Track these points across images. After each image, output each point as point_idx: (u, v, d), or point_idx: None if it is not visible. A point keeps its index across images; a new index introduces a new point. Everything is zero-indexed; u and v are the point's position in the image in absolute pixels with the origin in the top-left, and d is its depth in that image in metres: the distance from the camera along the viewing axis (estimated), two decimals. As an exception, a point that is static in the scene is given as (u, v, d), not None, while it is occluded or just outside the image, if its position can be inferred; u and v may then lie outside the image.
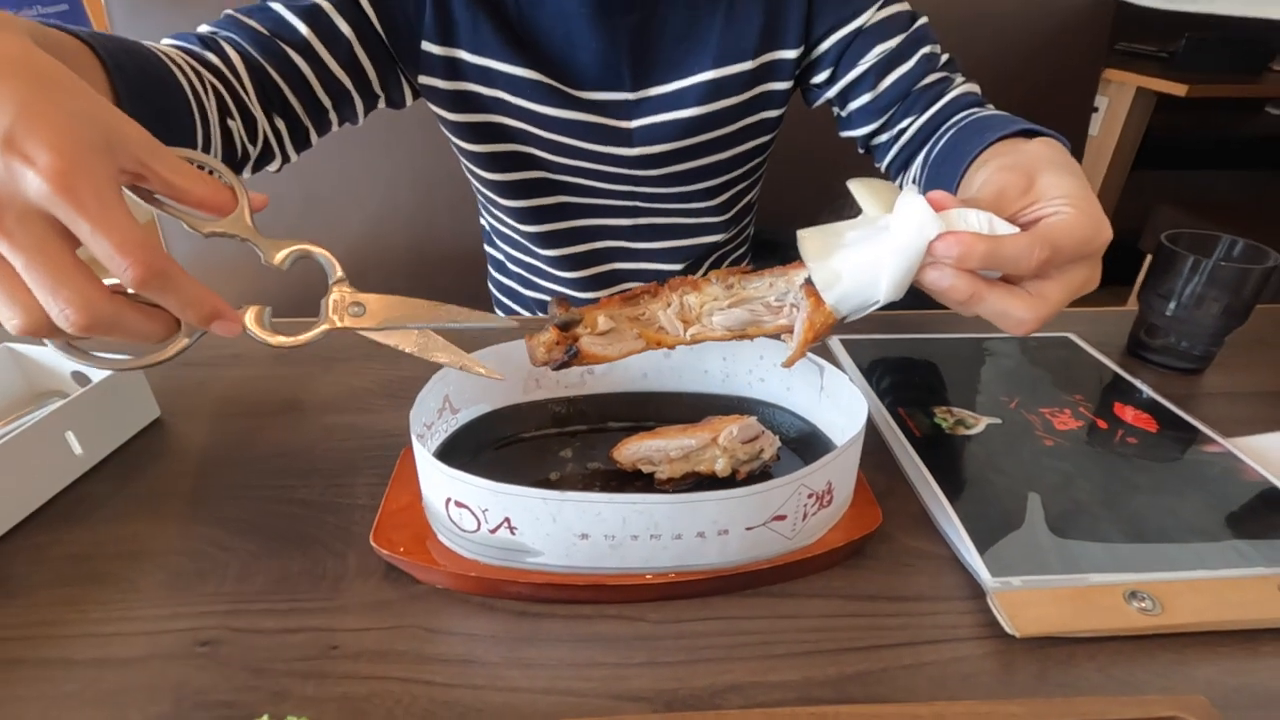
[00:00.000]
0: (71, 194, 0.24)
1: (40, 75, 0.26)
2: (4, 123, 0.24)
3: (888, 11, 0.57)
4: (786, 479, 0.32)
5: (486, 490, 0.32)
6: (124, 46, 0.38)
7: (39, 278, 0.25)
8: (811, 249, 0.33)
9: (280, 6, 0.51)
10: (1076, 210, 0.33)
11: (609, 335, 0.35)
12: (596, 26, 0.55)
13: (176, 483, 0.43)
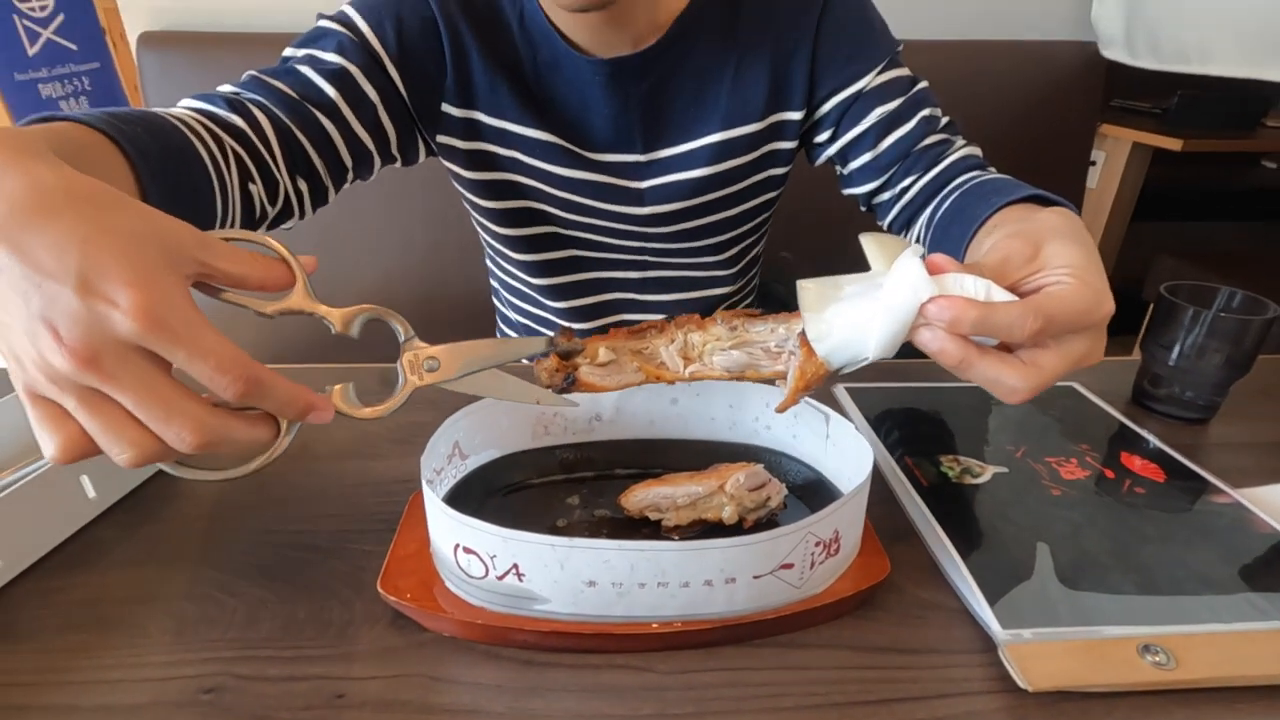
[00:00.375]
0: (161, 326, 0.25)
1: (86, 202, 0.26)
2: (73, 266, 0.24)
3: (888, 76, 0.59)
4: (793, 527, 0.32)
5: (495, 536, 0.32)
6: (145, 126, 0.38)
7: (150, 412, 0.26)
8: (809, 300, 0.34)
9: (308, 69, 0.53)
10: (1077, 281, 0.33)
11: (609, 367, 0.36)
12: (610, 92, 0.58)
13: (185, 528, 0.43)
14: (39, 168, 0.26)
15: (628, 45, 0.57)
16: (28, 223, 0.25)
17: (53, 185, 0.26)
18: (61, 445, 0.27)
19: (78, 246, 0.25)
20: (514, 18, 0.57)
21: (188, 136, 0.42)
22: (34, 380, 0.26)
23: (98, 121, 0.35)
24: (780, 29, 0.58)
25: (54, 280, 0.24)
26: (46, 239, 0.25)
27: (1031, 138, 1.10)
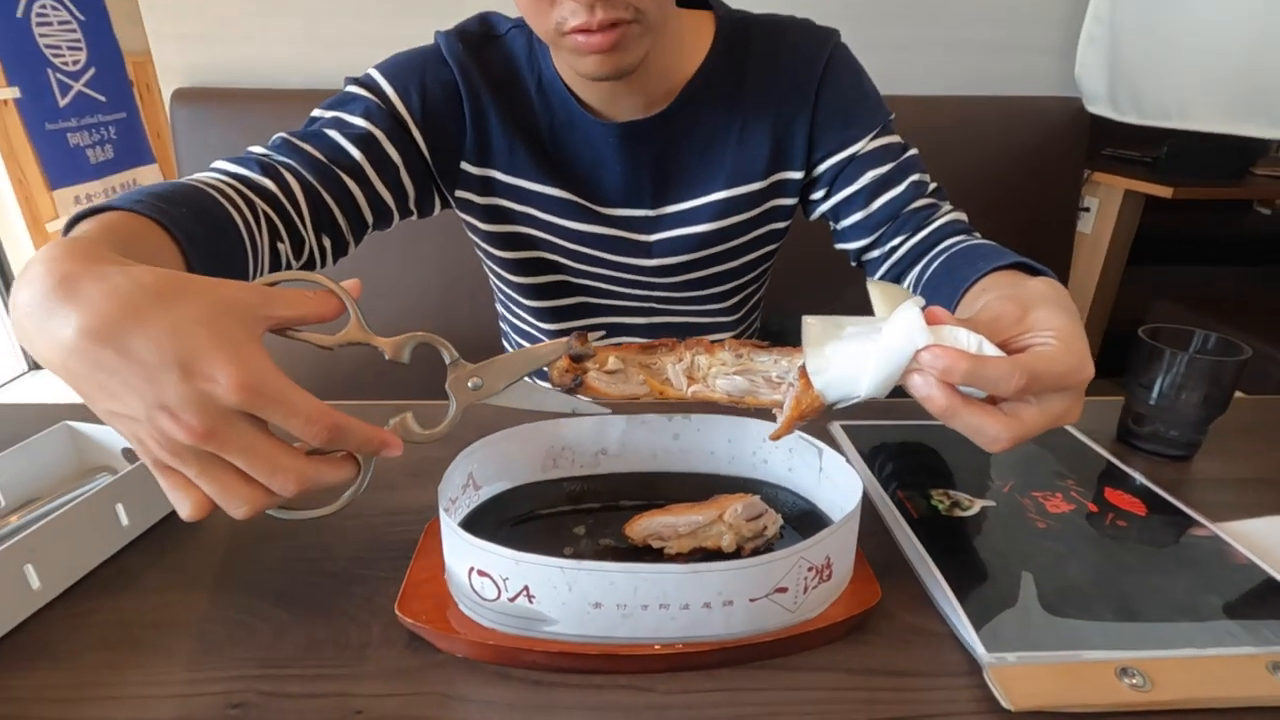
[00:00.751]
0: (256, 394, 0.29)
1: (162, 295, 0.29)
2: (171, 356, 0.28)
3: (880, 142, 0.63)
4: (787, 551, 0.34)
5: (508, 559, 0.34)
6: (188, 205, 0.41)
7: (257, 469, 0.30)
8: (812, 335, 0.37)
9: (335, 133, 0.56)
10: (1062, 345, 0.35)
11: (615, 376, 0.38)
12: (622, 152, 0.61)
13: (211, 555, 0.45)
14: (113, 273, 0.29)
15: (639, 109, 0.60)
16: (122, 326, 0.28)
17: (126, 288, 0.29)
18: (192, 507, 0.32)
19: (170, 338, 0.28)
20: (532, 82, 0.61)
21: (225, 207, 0.45)
22: (160, 456, 0.30)
23: (145, 209, 0.38)
24: (781, 96, 0.62)
25: (160, 371, 0.28)
26: (142, 338, 0.28)
27: (1021, 188, 1.14)
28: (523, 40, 0.61)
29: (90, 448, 0.51)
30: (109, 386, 0.29)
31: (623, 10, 0.48)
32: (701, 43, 0.61)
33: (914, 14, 1.17)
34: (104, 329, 0.28)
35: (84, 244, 0.31)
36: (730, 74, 0.62)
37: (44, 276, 0.29)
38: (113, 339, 0.28)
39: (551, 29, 0.50)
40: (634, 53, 0.52)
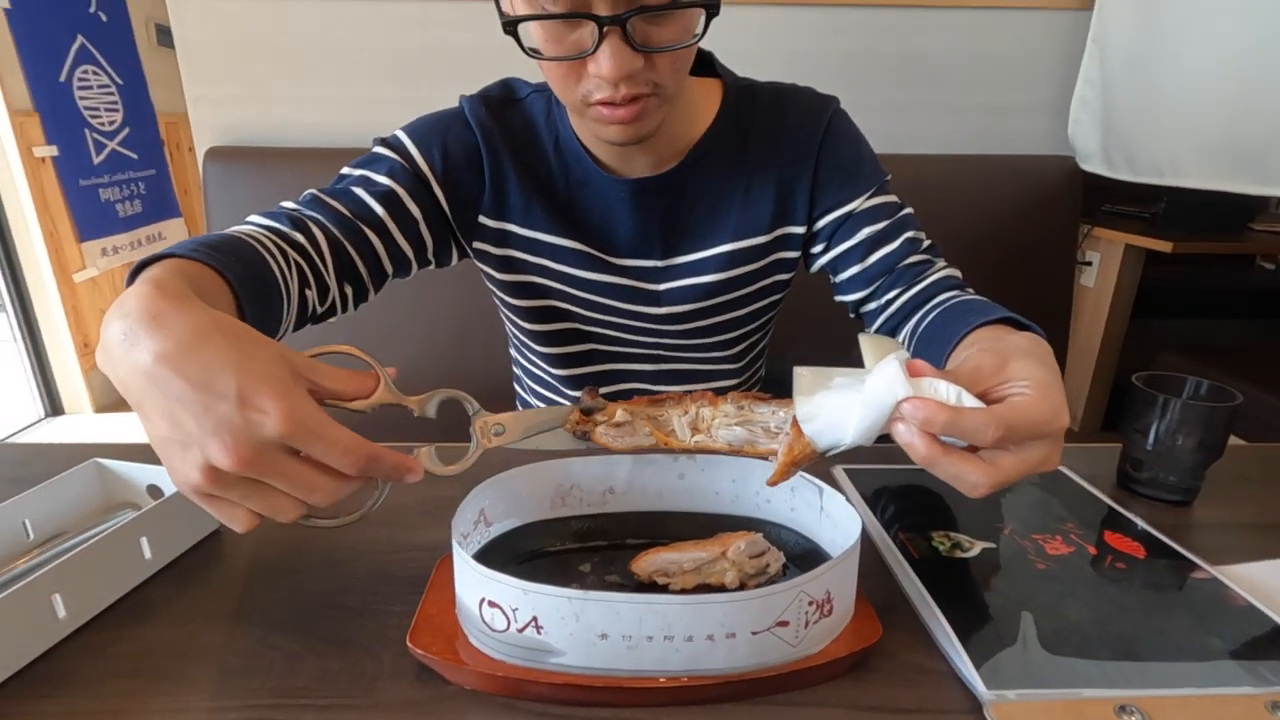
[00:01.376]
0: (301, 428, 0.33)
1: (232, 336, 0.34)
2: (233, 388, 0.32)
3: (876, 200, 0.66)
4: (788, 584, 0.35)
5: (518, 590, 0.35)
6: (236, 255, 0.45)
7: (297, 489, 0.34)
8: (802, 385, 0.39)
9: (361, 190, 0.60)
10: (1037, 395, 0.37)
11: (622, 428, 0.41)
12: (633, 207, 0.65)
13: (230, 588, 0.46)
14: (194, 311, 0.34)
15: (650, 167, 0.64)
16: (194, 358, 0.32)
17: (207, 325, 0.33)
18: (243, 522, 0.35)
19: (231, 372, 0.32)
20: (549, 142, 0.65)
21: (264, 256, 0.48)
22: (200, 485, 0.33)
23: (202, 256, 0.43)
24: (785, 157, 0.66)
25: (219, 400, 0.32)
26: (210, 369, 0.32)
27: (1018, 244, 1.18)
28: (541, 104, 0.66)
29: (117, 484, 0.53)
30: (172, 411, 0.32)
31: (644, 86, 0.52)
32: (709, 107, 0.66)
33: (910, 77, 1.23)
34: (177, 357, 0.32)
35: (171, 285, 0.35)
36: (736, 136, 0.66)
37: (137, 310, 0.33)
38: (183, 367, 0.32)
39: (578, 100, 0.54)
40: (652, 122, 0.56)
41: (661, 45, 0.51)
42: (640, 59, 0.50)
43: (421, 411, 0.40)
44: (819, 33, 1.19)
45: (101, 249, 2.42)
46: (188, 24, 1.16)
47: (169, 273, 0.38)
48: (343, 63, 1.18)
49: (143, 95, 2.60)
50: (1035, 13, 1.21)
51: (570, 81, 0.53)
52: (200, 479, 0.33)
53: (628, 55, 0.49)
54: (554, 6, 0.48)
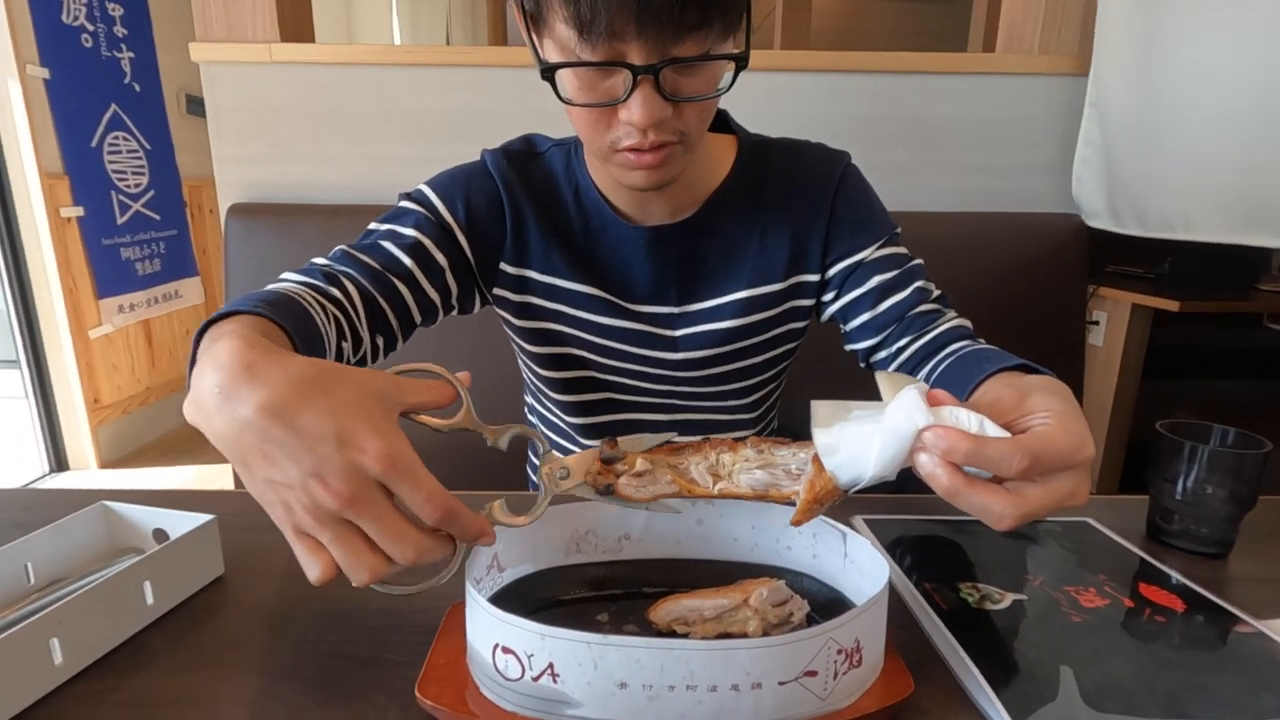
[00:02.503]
0: (395, 468, 0.34)
1: (323, 380, 0.35)
2: (331, 430, 0.33)
3: (886, 251, 0.67)
4: (815, 630, 0.34)
5: (534, 634, 0.34)
6: (288, 310, 0.47)
7: (385, 536, 0.34)
8: (820, 417, 0.39)
9: (389, 243, 0.62)
10: (1061, 425, 0.37)
11: (644, 477, 0.40)
12: (650, 254, 0.66)
13: (233, 635, 0.45)
14: (285, 360, 0.36)
15: (667, 216, 0.66)
16: (294, 405, 0.34)
17: (298, 373, 0.35)
18: (321, 570, 0.35)
19: (330, 416, 0.34)
20: (569, 192, 0.67)
21: (309, 310, 0.50)
22: (302, 521, 0.34)
23: (264, 311, 0.44)
24: (799, 208, 0.68)
25: (320, 443, 0.33)
26: (309, 415, 0.34)
27: (1027, 302, 1.18)
28: (561, 156, 0.68)
29: (123, 528, 0.52)
30: (272, 456, 0.34)
31: (670, 134, 0.54)
32: (725, 160, 0.68)
33: (915, 139, 1.26)
34: (278, 406, 0.34)
35: (256, 338, 0.37)
36: (751, 187, 0.68)
37: (230, 364, 0.35)
38: (283, 415, 0.34)
39: (605, 145, 0.56)
40: (675, 168, 0.58)
41: (690, 95, 0.53)
42: (669, 107, 0.52)
43: (495, 441, 0.41)
44: (825, 97, 1.24)
45: (119, 306, 2.46)
46: (219, 91, 1.21)
47: (246, 327, 0.40)
48: (365, 124, 1.23)
49: (169, 159, 2.69)
50: (1033, 79, 1.25)
51: (600, 128, 0.55)
52: (304, 517, 0.34)
53: (658, 104, 0.51)
54: (590, 55, 0.50)
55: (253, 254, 1.13)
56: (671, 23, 0.47)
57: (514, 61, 1.20)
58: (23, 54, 2.09)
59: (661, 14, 0.47)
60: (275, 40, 1.19)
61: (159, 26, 2.57)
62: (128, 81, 2.48)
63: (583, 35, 0.48)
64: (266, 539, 0.57)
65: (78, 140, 2.30)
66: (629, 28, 0.48)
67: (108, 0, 2.38)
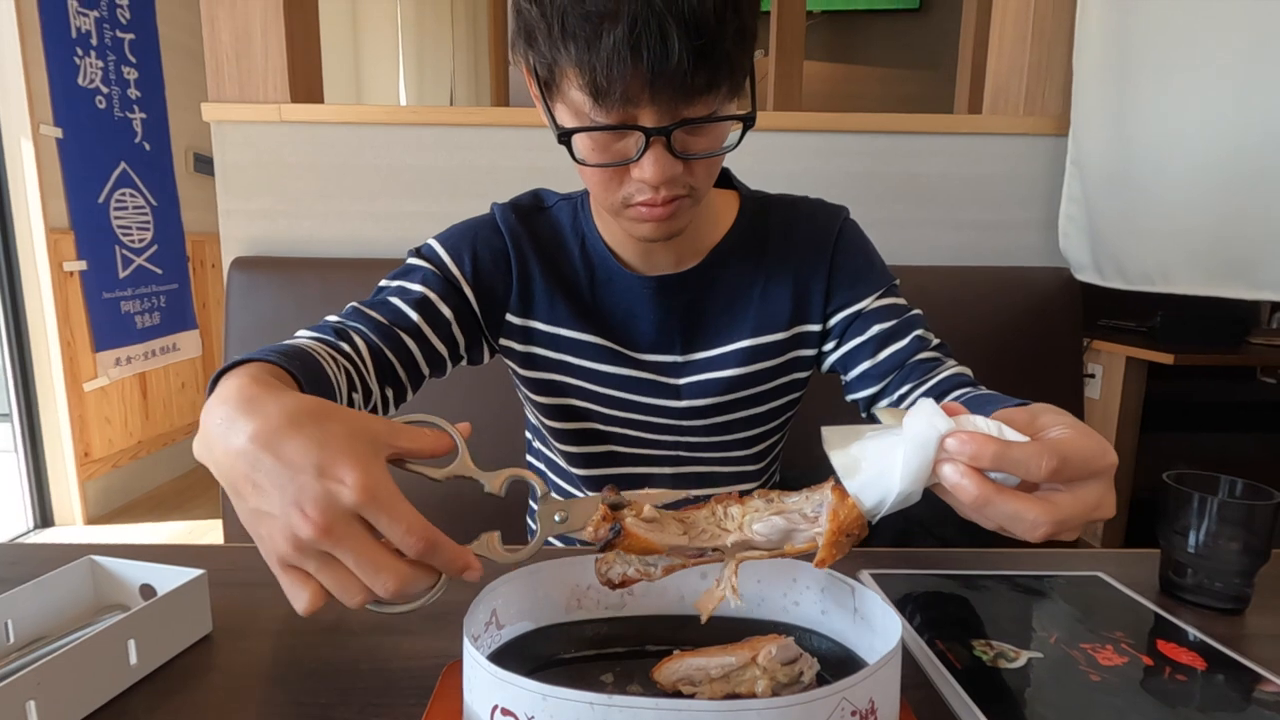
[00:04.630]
0: (373, 498, 0.34)
1: (316, 416, 0.37)
2: (314, 459, 0.34)
3: (885, 301, 0.68)
4: (828, 690, 0.33)
5: (537, 695, 0.33)
6: (301, 360, 0.48)
7: (365, 567, 0.35)
8: (833, 440, 0.38)
9: (397, 299, 0.63)
10: (1079, 431, 0.37)
11: (653, 524, 0.38)
12: (655, 303, 0.68)
13: (219, 698, 0.43)
14: (283, 395, 0.38)
15: (671, 266, 0.67)
16: (283, 435, 0.35)
17: (293, 407, 0.37)
18: (308, 600, 0.36)
19: (314, 447, 0.35)
20: (575, 245, 0.69)
21: (321, 363, 0.51)
22: (285, 554, 0.35)
23: (275, 359, 0.46)
24: (800, 260, 0.69)
25: (300, 472, 0.34)
26: (296, 445, 0.35)
27: (1024, 354, 1.19)
28: (568, 210, 0.70)
29: (109, 584, 0.51)
30: (260, 484, 0.35)
31: (681, 189, 0.56)
32: (728, 214, 0.70)
33: (908, 196, 1.29)
34: (267, 435, 0.35)
35: (262, 376, 0.40)
36: (753, 240, 0.69)
37: (235, 398, 0.37)
38: (271, 444, 0.35)
39: (618, 202, 0.58)
40: (684, 220, 0.60)
41: (699, 153, 0.55)
42: (680, 165, 0.54)
43: (493, 488, 0.41)
44: (819, 155, 1.27)
45: (116, 359, 2.46)
46: (229, 149, 1.24)
47: (257, 370, 0.41)
48: (370, 181, 1.25)
49: (174, 215, 2.74)
50: (1017, 139, 1.29)
51: (613, 185, 0.57)
52: (285, 547, 0.35)
53: (669, 162, 0.53)
54: (605, 119, 0.51)
55: (254, 305, 1.14)
56: (683, 87, 0.49)
57: (515, 121, 1.24)
58: (37, 114, 2.15)
59: (673, 80, 0.49)
60: (286, 101, 1.23)
61: (170, 87, 2.66)
62: (138, 141, 2.55)
63: (597, 101, 0.50)
64: (257, 595, 0.55)
65: (85, 197, 2.34)
66: (643, 94, 0.50)
67: (123, 64, 2.46)
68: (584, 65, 0.49)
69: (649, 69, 0.48)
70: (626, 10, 0.47)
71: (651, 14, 0.47)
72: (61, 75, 2.22)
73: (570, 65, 0.50)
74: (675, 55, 0.48)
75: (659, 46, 0.47)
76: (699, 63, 0.48)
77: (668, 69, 0.48)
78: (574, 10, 0.48)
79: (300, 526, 0.34)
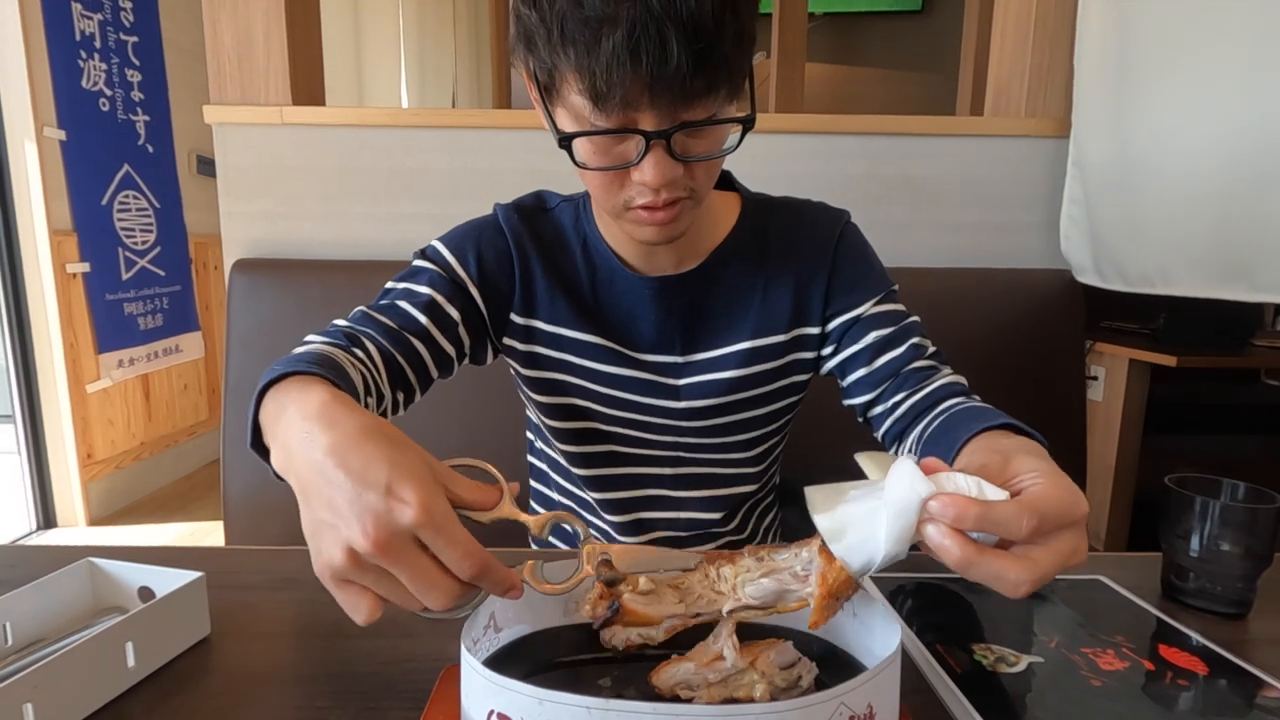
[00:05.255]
0: (431, 519, 0.35)
1: (386, 437, 0.38)
2: (384, 477, 0.35)
3: (883, 308, 0.68)
4: (827, 694, 0.32)
5: (533, 699, 0.33)
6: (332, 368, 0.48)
7: (419, 585, 0.36)
8: (818, 503, 0.38)
9: (404, 303, 0.63)
10: (1052, 482, 0.37)
11: (650, 595, 0.38)
12: (656, 303, 0.68)
13: (216, 701, 0.43)
14: (360, 414, 0.39)
15: (672, 267, 0.68)
16: (356, 452, 0.36)
17: (369, 427, 0.38)
18: (367, 611, 0.37)
19: (384, 465, 0.36)
20: (577, 245, 0.69)
21: (346, 369, 0.51)
22: (340, 568, 0.35)
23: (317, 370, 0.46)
24: (801, 263, 0.69)
25: (367, 488, 0.35)
26: (365, 461, 0.36)
27: (1026, 356, 1.18)
28: (570, 211, 0.71)
29: (108, 586, 0.51)
30: (327, 495, 0.36)
31: (681, 191, 0.56)
32: (729, 215, 0.70)
33: (908, 198, 1.29)
34: (344, 449, 0.36)
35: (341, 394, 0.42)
36: (754, 242, 0.69)
37: (317, 414, 0.39)
38: (346, 459, 0.36)
39: (619, 205, 0.58)
40: (685, 222, 0.60)
41: (699, 155, 0.55)
42: (680, 167, 0.54)
43: (538, 533, 0.42)
44: (821, 157, 1.27)
45: (118, 360, 2.46)
46: (230, 151, 1.24)
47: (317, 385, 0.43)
48: (371, 183, 1.25)
49: (177, 217, 2.74)
50: (1018, 140, 1.29)
51: (614, 189, 0.57)
52: (341, 560, 0.35)
53: (669, 165, 0.53)
54: (605, 123, 0.51)
55: (256, 307, 1.14)
56: (682, 91, 0.49)
57: (516, 124, 1.24)
58: (41, 116, 2.16)
59: (673, 84, 0.49)
60: (287, 104, 1.23)
61: (174, 90, 2.66)
62: (141, 143, 2.55)
63: (597, 105, 0.50)
64: (255, 598, 0.55)
65: (89, 199, 2.34)
66: (642, 98, 0.50)
67: (127, 67, 2.47)
68: (583, 70, 0.49)
69: (648, 73, 0.48)
70: (625, 15, 0.47)
71: (650, 18, 0.47)
72: (65, 78, 2.23)
73: (570, 70, 0.50)
74: (674, 59, 0.48)
75: (658, 51, 0.48)
76: (698, 66, 0.49)
77: (667, 73, 0.48)
78: (573, 15, 0.48)
79: (360, 541, 0.34)
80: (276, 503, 0.98)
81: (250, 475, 1.08)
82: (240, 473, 1.08)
